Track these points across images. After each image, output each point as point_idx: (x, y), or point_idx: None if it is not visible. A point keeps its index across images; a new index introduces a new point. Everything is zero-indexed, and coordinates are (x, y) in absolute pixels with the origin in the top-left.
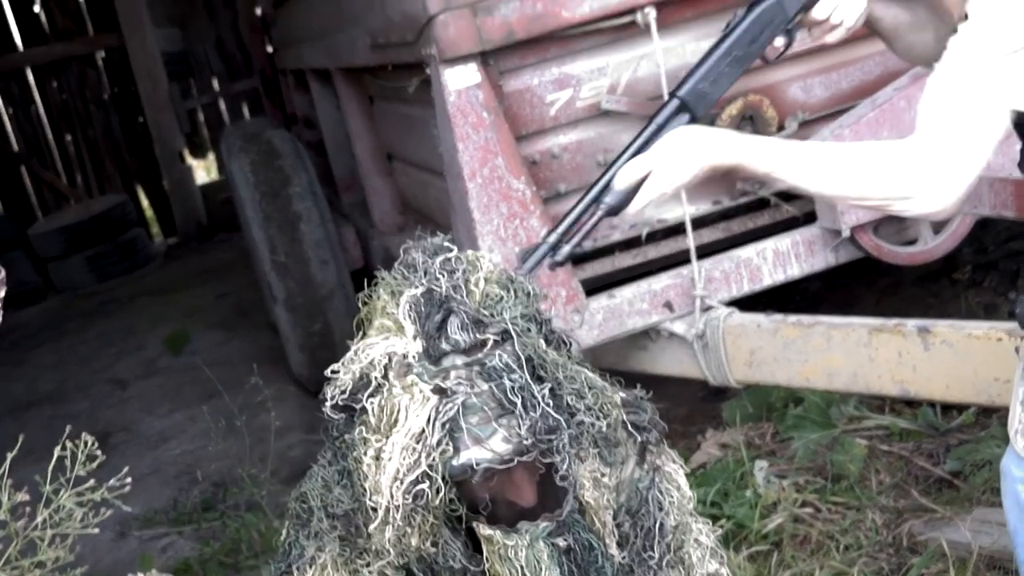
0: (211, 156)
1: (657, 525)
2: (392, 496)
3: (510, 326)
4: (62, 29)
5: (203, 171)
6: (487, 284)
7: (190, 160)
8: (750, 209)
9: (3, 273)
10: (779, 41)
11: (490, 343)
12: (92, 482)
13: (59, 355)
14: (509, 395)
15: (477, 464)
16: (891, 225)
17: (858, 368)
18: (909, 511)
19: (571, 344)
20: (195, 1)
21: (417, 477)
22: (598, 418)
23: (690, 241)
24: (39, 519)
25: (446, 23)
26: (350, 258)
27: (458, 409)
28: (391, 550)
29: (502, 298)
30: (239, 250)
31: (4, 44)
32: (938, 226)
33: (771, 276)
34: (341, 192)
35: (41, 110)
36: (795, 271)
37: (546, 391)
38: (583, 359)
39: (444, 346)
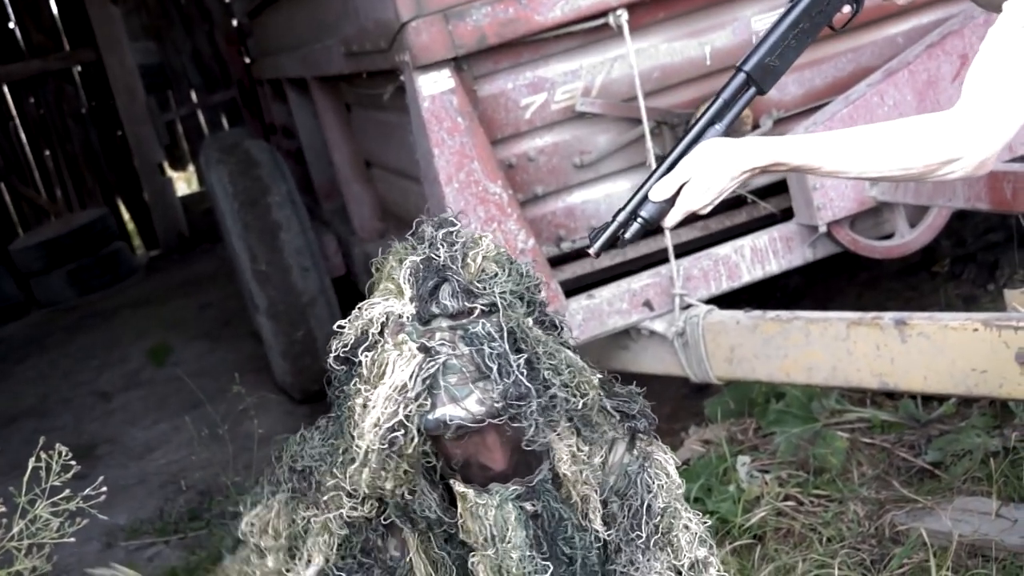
0: (191, 167)
1: (644, 506)
2: (371, 440)
3: (498, 299)
4: (37, 45)
5: (183, 183)
6: (485, 260)
7: (170, 172)
8: (727, 207)
9: None
10: (846, 9)
11: (477, 312)
12: (67, 492)
13: (42, 369)
14: (487, 360)
15: (450, 420)
16: (868, 220)
17: (837, 362)
18: (891, 502)
19: (562, 328)
20: (171, 13)
21: (394, 425)
22: (573, 395)
23: (668, 240)
24: (15, 530)
25: (418, 30)
26: (331, 265)
27: (439, 368)
28: (366, 490)
29: (496, 275)
30: (221, 261)
31: None
32: (914, 219)
33: (749, 273)
34: (321, 200)
35: (19, 125)
36: (773, 267)
37: (521, 361)
38: (574, 346)
39: (434, 309)
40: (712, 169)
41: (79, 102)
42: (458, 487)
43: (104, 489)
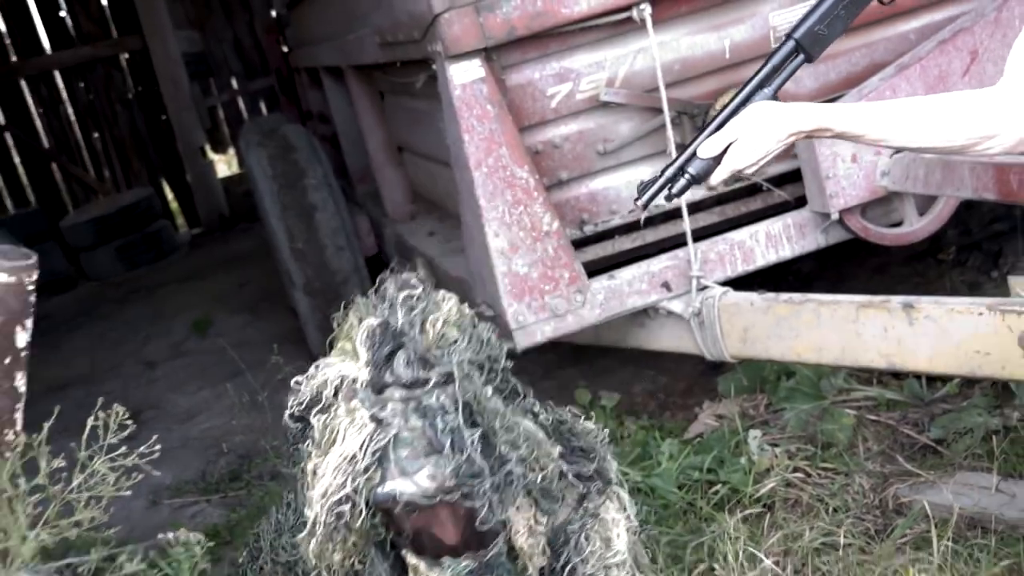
0: (231, 151)
1: (567, 569)
2: (319, 511)
3: (455, 369)
4: (87, 32)
5: (224, 165)
6: (445, 326)
7: (211, 155)
8: (744, 194)
9: (35, 258)
10: None
11: (432, 382)
12: (124, 449)
13: (91, 339)
14: (440, 435)
15: (400, 495)
16: (878, 208)
17: (846, 343)
18: (895, 476)
19: (526, 395)
20: (213, 4)
21: (341, 498)
22: (531, 469)
23: (686, 225)
24: (75, 483)
25: (451, 21)
26: (364, 245)
27: (390, 440)
28: (315, 562)
29: (456, 341)
30: (259, 239)
31: (33, 48)
32: (923, 208)
33: (764, 257)
34: (355, 183)
35: (70, 109)
36: (787, 252)
37: (476, 437)
38: (546, 409)
39: (387, 378)
40: (760, 130)
41: (126, 88)
42: (410, 559)
43: (158, 447)
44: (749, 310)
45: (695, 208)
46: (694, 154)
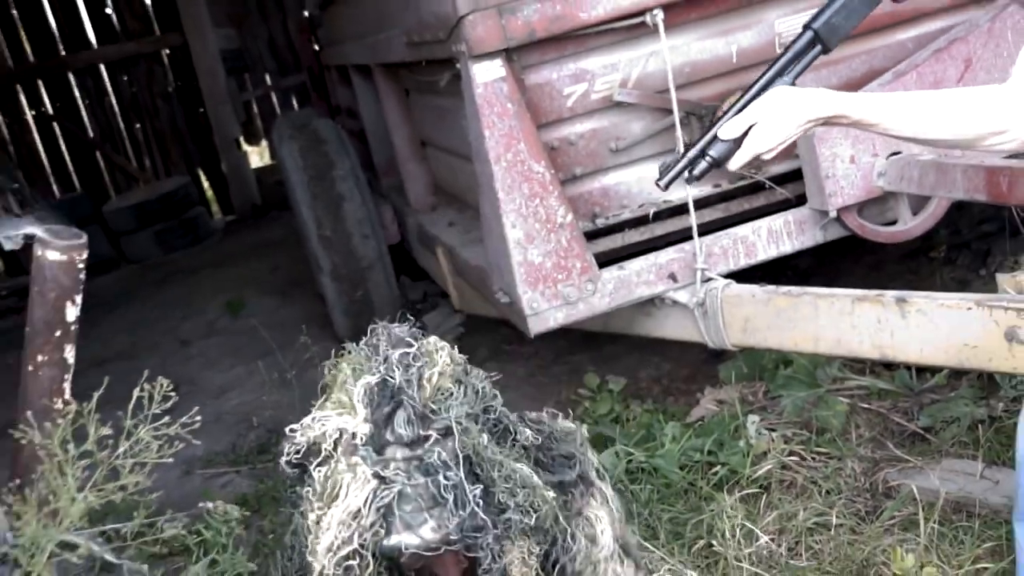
0: (264, 143)
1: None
2: (325, 564)
3: (454, 424)
4: (131, 29)
5: (257, 156)
6: (441, 378)
7: (245, 146)
8: (747, 192)
9: (85, 238)
10: None
11: (432, 439)
12: (167, 418)
13: (130, 318)
14: (443, 491)
15: (406, 548)
16: (874, 207)
17: (841, 334)
18: (885, 461)
19: (517, 433)
20: (250, 3)
21: (349, 553)
22: (527, 514)
23: (692, 220)
24: (120, 450)
25: (474, 23)
26: (388, 234)
27: (394, 497)
28: None
29: (452, 393)
30: (290, 227)
31: (80, 42)
32: (916, 208)
33: (765, 252)
34: (380, 176)
35: (113, 101)
36: (787, 247)
37: (478, 491)
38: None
39: (389, 437)
40: (780, 115)
41: (167, 82)
42: None
43: (199, 418)
44: (750, 301)
45: (701, 204)
46: (715, 137)
